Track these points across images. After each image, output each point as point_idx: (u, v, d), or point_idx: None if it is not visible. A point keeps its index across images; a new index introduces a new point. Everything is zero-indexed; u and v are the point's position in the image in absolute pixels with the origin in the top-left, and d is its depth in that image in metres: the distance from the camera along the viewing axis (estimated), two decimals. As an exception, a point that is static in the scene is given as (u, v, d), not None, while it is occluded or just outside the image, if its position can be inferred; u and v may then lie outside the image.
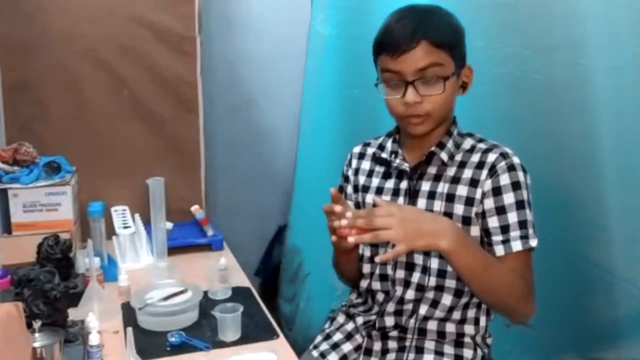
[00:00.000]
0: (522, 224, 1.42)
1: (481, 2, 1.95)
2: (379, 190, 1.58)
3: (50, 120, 2.20)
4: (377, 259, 1.35)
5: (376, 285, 1.58)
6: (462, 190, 1.46)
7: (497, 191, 1.43)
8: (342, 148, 1.82)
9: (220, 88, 2.66)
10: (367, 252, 1.61)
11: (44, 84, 2.18)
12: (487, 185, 1.44)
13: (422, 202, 1.50)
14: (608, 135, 1.78)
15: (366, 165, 1.65)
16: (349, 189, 1.67)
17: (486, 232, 1.45)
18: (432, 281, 1.49)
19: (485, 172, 1.45)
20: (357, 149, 1.69)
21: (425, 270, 1.50)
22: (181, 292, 1.67)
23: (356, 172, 1.66)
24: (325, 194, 1.71)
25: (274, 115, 2.80)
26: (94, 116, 2.24)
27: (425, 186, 1.51)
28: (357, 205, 1.63)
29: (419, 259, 1.51)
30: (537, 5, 1.87)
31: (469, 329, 1.52)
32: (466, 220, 1.46)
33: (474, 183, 1.46)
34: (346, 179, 1.69)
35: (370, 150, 1.66)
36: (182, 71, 2.28)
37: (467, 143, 1.52)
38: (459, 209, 1.46)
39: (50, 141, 2.18)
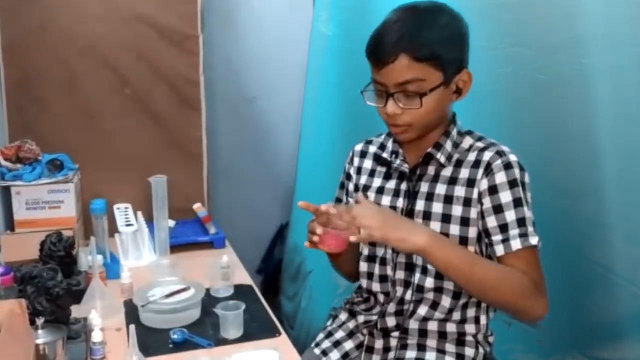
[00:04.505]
0: (521, 222, 1.40)
1: (484, 2, 1.95)
2: (380, 191, 1.58)
3: (53, 118, 2.20)
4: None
5: (376, 286, 1.59)
6: (460, 192, 1.46)
7: (493, 190, 1.42)
8: (343, 147, 1.82)
9: (222, 87, 2.66)
10: (366, 251, 1.61)
11: (47, 82, 2.18)
12: (484, 184, 1.43)
13: (421, 204, 1.50)
14: (611, 135, 1.77)
15: (368, 164, 1.65)
16: (351, 186, 1.68)
17: (486, 232, 1.43)
18: (431, 282, 1.49)
19: (481, 171, 1.44)
20: (359, 147, 1.69)
21: (425, 271, 1.50)
22: (183, 290, 1.68)
23: (358, 170, 1.66)
24: (326, 193, 1.72)
25: (276, 114, 2.80)
26: (97, 114, 2.25)
27: (424, 187, 1.51)
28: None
29: (418, 260, 1.51)
30: (539, 5, 1.87)
31: (470, 328, 1.53)
32: (465, 222, 1.45)
33: (471, 183, 1.45)
34: (348, 176, 1.69)
35: (372, 149, 1.66)
36: (184, 70, 2.29)
37: (467, 142, 1.51)
38: (457, 210, 1.46)
39: (53, 139, 2.18)
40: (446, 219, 1.46)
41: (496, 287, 1.38)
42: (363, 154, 1.67)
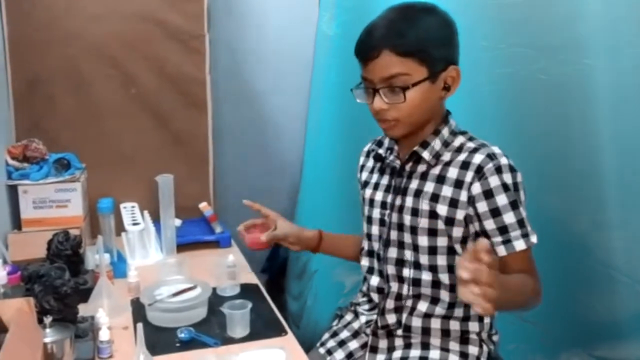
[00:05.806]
0: (521, 223, 1.41)
1: (485, 2, 1.94)
2: (376, 187, 1.61)
3: (60, 117, 2.22)
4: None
5: (374, 280, 1.60)
6: (447, 191, 1.46)
7: (488, 194, 1.41)
8: (348, 147, 1.83)
9: (228, 86, 2.66)
10: (366, 246, 1.63)
11: (54, 81, 2.19)
12: (476, 188, 1.42)
13: (409, 200, 1.51)
14: (612, 135, 1.78)
15: (370, 162, 1.68)
16: (359, 186, 1.71)
17: (484, 233, 1.43)
18: (427, 275, 1.50)
19: (471, 173, 1.43)
20: (366, 147, 1.73)
21: (418, 265, 1.51)
22: (190, 289, 1.69)
23: (361, 168, 1.70)
24: (331, 191, 1.73)
25: (281, 113, 2.80)
26: (104, 113, 2.26)
27: (413, 184, 1.51)
28: (362, 201, 1.66)
29: (408, 255, 1.52)
30: (541, 5, 1.87)
31: (473, 326, 1.53)
32: (449, 221, 1.45)
33: (458, 184, 1.44)
34: (358, 178, 1.73)
35: (373, 146, 1.69)
36: (191, 69, 2.30)
37: (457, 142, 1.50)
38: (442, 209, 1.46)
39: (59, 138, 2.19)
40: (433, 215, 1.47)
41: (522, 295, 1.41)
42: (368, 153, 1.71)
